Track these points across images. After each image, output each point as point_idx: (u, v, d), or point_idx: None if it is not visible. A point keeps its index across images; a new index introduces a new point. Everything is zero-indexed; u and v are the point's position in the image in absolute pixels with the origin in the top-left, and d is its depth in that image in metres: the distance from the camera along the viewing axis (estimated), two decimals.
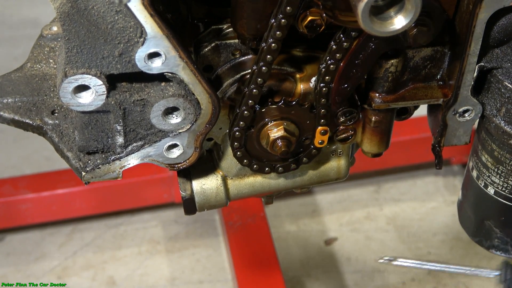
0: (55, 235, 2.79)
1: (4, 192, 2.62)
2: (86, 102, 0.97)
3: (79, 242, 2.80)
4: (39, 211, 2.66)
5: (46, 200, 2.63)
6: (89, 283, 2.69)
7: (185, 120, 1.00)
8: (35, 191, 2.62)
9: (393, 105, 1.06)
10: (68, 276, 2.70)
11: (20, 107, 1.10)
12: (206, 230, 2.78)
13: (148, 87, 0.99)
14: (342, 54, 0.98)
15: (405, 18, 0.83)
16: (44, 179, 2.67)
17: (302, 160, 1.10)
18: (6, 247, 2.74)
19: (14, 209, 2.63)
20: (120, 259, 2.74)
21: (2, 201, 2.61)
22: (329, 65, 0.99)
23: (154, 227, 2.83)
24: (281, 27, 0.93)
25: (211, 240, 2.74)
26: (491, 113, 1.06)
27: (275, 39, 0.94)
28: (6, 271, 2.67)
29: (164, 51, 0.93)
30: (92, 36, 0.92)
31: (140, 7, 0.90)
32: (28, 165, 2.93)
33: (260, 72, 0.97)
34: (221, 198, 1.15)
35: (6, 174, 2.83)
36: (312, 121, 1.05)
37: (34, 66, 1.16)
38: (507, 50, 1.04)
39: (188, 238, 2.77)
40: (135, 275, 2.69)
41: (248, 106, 1.02)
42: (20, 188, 2.62)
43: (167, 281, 2.66)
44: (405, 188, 2.77)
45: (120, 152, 1.03)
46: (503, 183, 1.10)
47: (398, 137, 2.58)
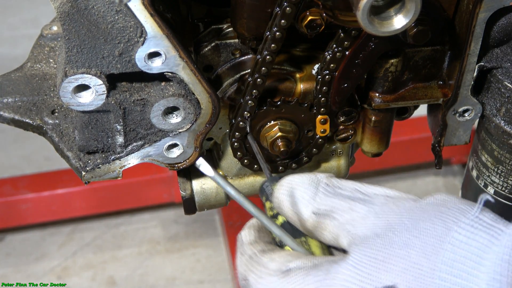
0: (55, 235, 2.79)
1: (4, 192, 2.62)
2: (86, 101, 0.96)
3: (79, 242, 2.80)
4: (39, 211, 2.66)
5: (46, 200, 2.63)
6: (89, 283, 2.69)
7: (185, 120, 1.00)
8: (35, 191, 2.62)
9: (393, 105, 1.05)
10: (68, 276, 2.70)
11: (20, 107, 1.10)
12: (206, 230, 2.78)
13: (148, 87, 0.99)
14: (350, 42, 0.98)
15: (405, 17, 0.83)
16: (44, 179, 2.67)
17: (312, 152, 1.10)
18: (6, 247, 2.74)
19: (14, 209, 2.63)
20: (120, 259, 2.74)
21: (2, 201, 2.61)
22: (335, 53, 0.98)
23: (154, 227, 2.83)
24: (285, 15, 0.93)
25: (211, 240, 2.74)
26: (491, 113, 1.06)
27: (279, 28, 0.94)
28: (6, 271, 2.67)
29: (164, 50, 0.93)
30: (92, 35, 0.92)
31: (140, 7, 0.90)
32: (28, 165, 2.93)
33: (264, 61, 0.97)
34: (221, 198, 1.15)
35: (6, 174, 2.83)
36: (311, 115, 1.05)
37: (34, 65, 1.16)
38: (507, 49, 1.04)
39: (188, 238, 2.77)
40: (135, 275, 2.69)
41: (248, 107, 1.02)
42: (20, 188, 2.62)
43: (167, 281, 2.66)
44: (405, 188, 2.77)
45: (120, 151, 1.03)
46: (503, 183, 1.10)
47: (398, 137, 2.58)
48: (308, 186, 0.82)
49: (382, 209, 0.78)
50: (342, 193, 0.81)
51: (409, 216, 0.76)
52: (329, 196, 0.81)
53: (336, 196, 0.81)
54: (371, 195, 0.80)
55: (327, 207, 0.80)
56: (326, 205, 0.80)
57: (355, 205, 0.79)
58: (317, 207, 0.81)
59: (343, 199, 0.80)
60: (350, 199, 0.80)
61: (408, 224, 0.75)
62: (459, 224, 0.73)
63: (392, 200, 0.79)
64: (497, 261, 0.69)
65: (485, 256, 0.70)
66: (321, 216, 0.80)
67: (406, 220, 0.75)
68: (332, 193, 0.81)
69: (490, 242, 0.71)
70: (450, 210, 0.75)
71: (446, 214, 0.75)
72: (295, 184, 0.83)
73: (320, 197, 0.81)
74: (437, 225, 0.74)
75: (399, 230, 0.75)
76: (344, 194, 0.81)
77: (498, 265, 0.69)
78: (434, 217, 0.75)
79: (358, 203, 0.79)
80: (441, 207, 0.76)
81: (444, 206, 0.76)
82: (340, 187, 0.82)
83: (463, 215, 0.74)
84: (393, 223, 0.76)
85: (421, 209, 0.77)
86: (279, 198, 0.84)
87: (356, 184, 0.82)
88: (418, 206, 0.77)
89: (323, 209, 0.80)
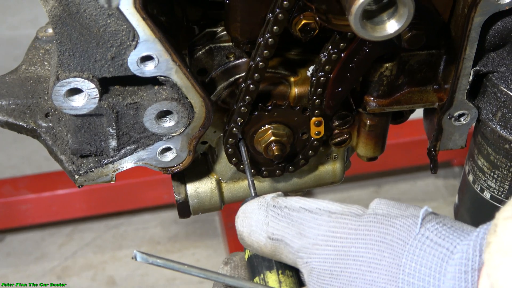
0: (55, 235, 2.79)
1: (4, 193, 2.62)
2: (79, 105, 0.96)
3: (79, 242, 2.80)
4: (39, 212, 2.67)
5: (46, 201, 2.64)
6: (89, 283, 2.69)
7: (179, 124, 1.00)
8: (35, 192, 2.62)
9: (388, 109, 1.05)
10: (68, 276, 2.70)
11: (14, 110, 1.09)
12: (206, 230, 2.78)
13: (141, 91, 0.99)
14: (346, 44, 0.97)
15: (397, 22, 0.82)
16: (44, 179, 2.67)
17: (308, 154, 1.10)
18: (6, 247, 2.74)
19: (14, 210, 2.64)
20: (120, 259, 2.75)
21: (2, 202, 2.61)
22: (331, 54, 0.98)
23: (154, 227, 2.83)
24: (278, 21, 0.92)
25: (211, 240, 2.74)
26: (487, 118, 1.05)
27: (272, 34, 0.94)
28: (6, 271, 2.68)
29: (156, 54, 0.93)
30: (84, 39, 0.92)
31: (133, 10, 0.89)
32: (28, 165, 2.93)
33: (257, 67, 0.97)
34: (216, 201, 1.14)
35: (7, 174, 2.83)
36: (304, 117, 1.05)
37: (29, 68, 1.15)
38: (503, 54, 1.03)
39: (188, 238, 2.77)
40: (135, 275, 2.69)
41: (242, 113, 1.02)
42: (20, 188, 2.62)
43: (167, 281, 2.66)
44: (405, 188, 2.76)
45: (113, 155, 1.02)
46: (499, 188, 1.09)
47: (399, 139, 2.58)
48: (259, 211, 0.85)
49: (330, 233, 0.80)
50: (289, 214, 0.83)
51: (355, 242, 0.78)
52: (279, 219, 0.84)
53: (285, 218, 0.83)
54: (316, 210, 0.82)
55: (279, 231, 0.83)
56: (278, 230, 0.83)
57: (303, 229, 0.81)
58: (270, 231, 0.84)
59: (292, 222, 0.83)
60: (298, 222, 0.82)
61: (357, 254, 0.77)
62: (406, 248, 0.74)
63: (336, 218, 0.81)
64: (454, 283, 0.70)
65: (441, 285, 0.71)
66: (275, 241, 0.83)
67: (353, 248, 0.78)
68: (281, 215, 0.84)
69: (441, 268, 0.71)
70: (395, 229, 0.76)
71: (391, 235, 0.76)
72: (248, 213, 0.86)
73: (271, 220, 0.84)
74: (385, 253, 0.75)
75: (350, 264, 0.77)
76: (292, 215, 0.83)
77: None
78: (380, 242, 0.76)
79: (306, 226, 0.81)
80: (384, 225, 0.77)
81: (387, 222, 0.77)
82: (287, 207, 0.84)
83: (408, 235, 0.74)
84: (343, 253, 0.78)
85: (366, 230, 0.78)
86: (238, 230, 0.87)
87: (300, 201, 0.85)
88: (362, 225, 0.79)
89: (276, 234, 0.83)
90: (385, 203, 0.80)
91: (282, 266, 0.86)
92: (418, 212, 0.76)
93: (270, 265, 0.86)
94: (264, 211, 0.85)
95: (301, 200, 0.84)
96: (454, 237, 0.73)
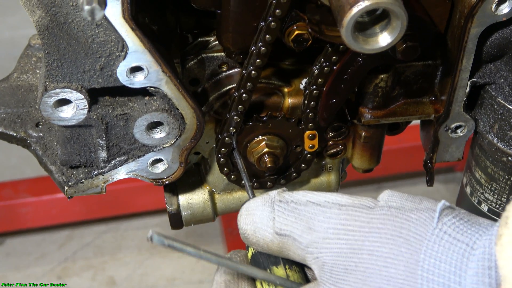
0: (55, 236, 2.79)
1: (4, 196, 2.62)
2: (67, 116, 0.95)
3: (79, 242, 2.80)
4: (39, 215, 2.66)
5: (46, 204, 2.63)
6: (89, 283, 2.68)
7: (169, 135, 0.98)
8: (35, 195, 2.61)
9: (383, 121, 1.03)
10: (68, 276, 2.70)
11: (5, 119, 1.08)
12: (206, 230, 2.77)
13: (131, 101, 0.97)
14: (338, 57, 0.95)
15: (390, 35, 0.80)
16: (44, 182, 2.66)
17: (301, 167, 1.08)
18: (6, 247, 2.74)
19: (14, 213, 2.63)
20: (120, 259, 2.74)
21: (2, 205, 2.60)
22: (323, 67, 0.96)
23: (154, 227, 2.83)
24: (270, 30, 0.91)
25: (211, 241, 2.73)
26: (484, 130, 1.03)
27: (264, 42, 0.92)
28: (6, 271, 2.67)
29: (146, 65, 0.91)
30: (73, 49, 0.90)
31: (121, 21, 0.87)
32: (28, 166, 2.92)
33: (250, 76, 0.95)
34: (208, 213, 1.12)
35: (7, 174, 2.83)
36: (299, 130, 1.03)
37: (21, 76, 1.14)
38: (500, 65, 1.00)
39: (188, 238, 2.76)
40: (135, 275, 2.69)
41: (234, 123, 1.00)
42: (20, 191, 2.62)
43: (167, 281, 2.66)
44: (405, 189, 2.74)
45: (103, 166, 1.01)
46: (496, 201, 1.07)
47: (400, 144, 2.55)
48: (263, 208, 0.82)
49: (341, 226, 0.76)
50: (297, 208, 0.80)
51: (369, 236, 0.74)
52: (286, 214, 0.80)
53: (292, 213, 0.80)
54: (324, 203, 0.79)
55: (286, 227, 0.80)
56: (285, 225, 0.80)
57: (312, 223, 0.78)
58: (278, 227, 0.80)
59: (300, 216, 0.79)
60: (306, 216, 0.79)
61: (371, 248, 0.74)
62: (424, 243, 0.71)
63: (346, 211, 0.77)
64: (476, 280, 0.68)
65: (462, 282, 0.68)
66: (283, 236, 0.80)
67: (367, 242, 0.74)
68: (288, 210, 0.80)
69: (462, 264, 0.69)
70: (410, 224, 0.73)
71: (407, 230, 0.73)
72: (251, 210, 0.83)
73: (277, 215, 0.80)
74: (402, 248, 0.72)
75: (365, 258, 0.74)
76: (300, 209, 0.80)
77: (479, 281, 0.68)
78: (396, 236, 0.73)
79: (314, 220, 0.78)
80: (399, 219, 0.74)
81: (402, 216, 0.74)
82: (294, 201, 0.81)
83: (425, 230, 0.72)
84: (356, 247, 0.75)
85: (380, 224, 0.75)
86: (241, 228, 0.84)
87: (307, 194, 0.81)
88: (375, 218, 0.75)
89: (284, 229, 0.80)
90: (398, 196, 0.77)
91: (289, 262, 0.83)
92: (433, 205, 0.74)
93: (277, 261, 0.84)
94: (269, 207, 0.81)
95: (308, 194, 0.81)
96: (473, 232, 0.71)
